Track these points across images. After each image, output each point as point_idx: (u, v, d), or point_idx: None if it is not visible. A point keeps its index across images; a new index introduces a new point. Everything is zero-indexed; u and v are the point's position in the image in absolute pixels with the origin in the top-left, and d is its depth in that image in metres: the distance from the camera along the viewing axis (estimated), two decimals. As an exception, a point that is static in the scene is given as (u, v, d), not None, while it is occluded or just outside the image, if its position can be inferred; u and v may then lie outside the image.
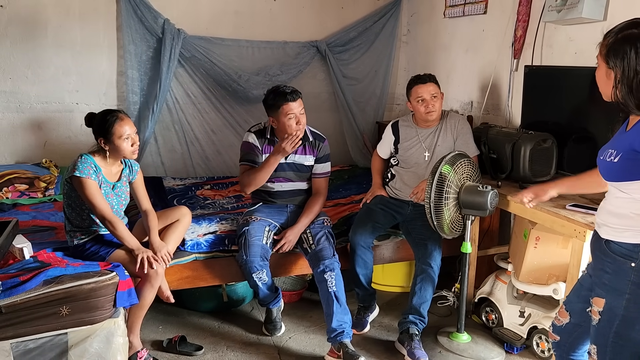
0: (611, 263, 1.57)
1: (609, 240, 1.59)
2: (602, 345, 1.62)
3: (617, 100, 1.52)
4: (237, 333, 2.81)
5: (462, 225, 2.56)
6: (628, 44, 1.45)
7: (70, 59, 3.59)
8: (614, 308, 1.56)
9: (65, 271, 2.16)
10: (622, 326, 1.55)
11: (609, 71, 1.52)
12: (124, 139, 2.35)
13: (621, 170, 1.52)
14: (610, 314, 1.57)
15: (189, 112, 3.89)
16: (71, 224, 2.43)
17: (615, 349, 1.58)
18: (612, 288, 1.57)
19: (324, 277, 2.51)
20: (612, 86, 1.51)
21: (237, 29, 3.92)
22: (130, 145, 2.38)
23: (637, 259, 1.51)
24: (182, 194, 3.50)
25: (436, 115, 2.78)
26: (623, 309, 1.54)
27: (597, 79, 1.59)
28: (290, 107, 2.61)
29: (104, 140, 2.36)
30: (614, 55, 1.48)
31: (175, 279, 2.60)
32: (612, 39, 1.50)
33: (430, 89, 2.73)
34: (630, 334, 1.55)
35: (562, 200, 2.36)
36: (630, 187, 1.53)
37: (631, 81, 1.46)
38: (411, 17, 4.30)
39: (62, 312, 2.07)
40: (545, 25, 2.90)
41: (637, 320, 1.53)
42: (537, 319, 2.56)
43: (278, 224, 2.76)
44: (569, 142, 2.64)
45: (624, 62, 1.46)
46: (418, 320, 2.64)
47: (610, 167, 1.55)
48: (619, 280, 1.54)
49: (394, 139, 2.90)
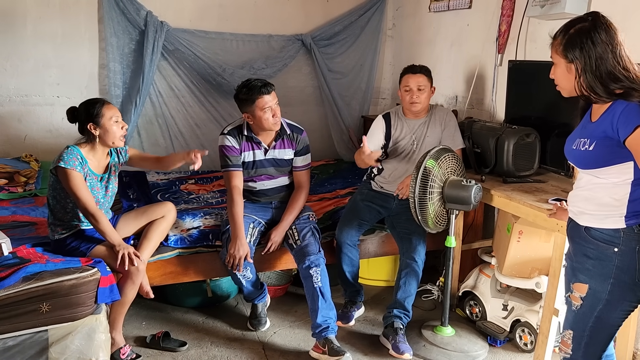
0: (594, 249, 1.60)
1: (590, 227, 1.62)
2: (579, 330, 1.65)
3: (582, 91, 1.57)
4: (222, 328, 2.80)
5: (447, 219, 2.56)
6: (583, 35, 1.52)
7: (51, 51, 3.53)
8: (597, 293, 1.59)
9: (45, 267, 2.13)
10: (605, 310, 1.58)
11: (569, 65, 1.57)
12: (114, 121, 2.34)
13: (597, 157, 1.56)
14: (593, 299, 1.60)
15: (173, 105, 3.86)
16: (54, 216, 2.39)
17: (594, 332, 1.62)
18: (596, 273, 1.59)
19: (309, 273, 2.51)
20: (575, 78, 1.56)
21: (222, 21, 3.88)
22: (120, 129, 2.36)
23: (620, 244, 1.54)
24: (166, 188, 3.47)
25: (420, 108, 2.77)
26: (608, 294, 1.57)
27: (557, 78, 1.65)
28: (264, 100, 2.56)
29: (93, 125, 2.32)
30: (572, 48, 1.54)
31: (158, 274, 2.57)
32: (565, 35, 1.57)
33: (419, 80, 2.72)
34: (611, 317, 1.59)
35: (544, 194, 2.38)
36: (607, 173, 1.56)
37: (596, 69, 1.52)
38: (396, 11, 4.29)
39: (42, 308, 2.04)
40: (529, 20, 2.91)
41: (619, 303, 1.57)
42: (520, 312, 2.58)
43: (263, 220, 2.74)
44: (551, 137, 2.66)
45: (582, 52, 1.52)
46: (402, 314, 2.65)
47: (585, 155, 1.59)
48: (603, 265, 1.57)
49: (386, 129, 2.85)
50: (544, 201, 2.26)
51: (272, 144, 2.71)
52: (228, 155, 2.66)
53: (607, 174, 1.56)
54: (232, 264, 2.49)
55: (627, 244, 1.54)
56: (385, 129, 2.87)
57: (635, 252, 1.53)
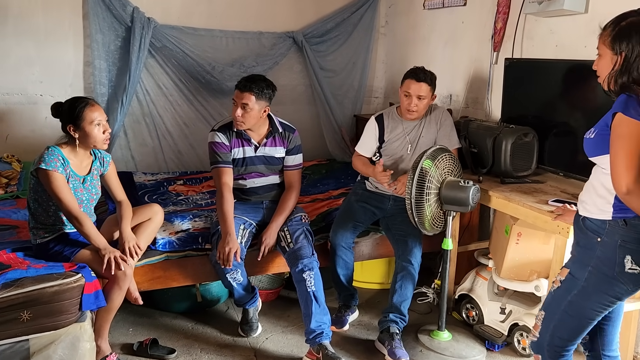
0: (583, 238, 1.67)
1: (585, 217, 1.67)
2: (551, 313, 1.72)
3: (609, 84, 1.58)
4: (212, 334, 2.71)
5: (444, 221, 2.50)
6: (633, 29, 1.53)
7: (33, 48, 3.41)
8: (575, 278, 1.66)
9: (26, 273, 2.03)
10: (578, 296, 1.64)
11: (614, 57, 1.57)
12: (95, 124, 2.23)
13: (596, 144, 1.61)
14: (570, 283, 1.67)
15: (161, 104, 3.76)
16: (35, 220, 2.29)
17: (562, 318, 1.69)
18: (578, 260, 1.68)
19: (302, 277, 2.43)
20: (611, 70, 1.56)
21: (211, 18, 3.79)
22: (102, 133, 2.25)
23: (603, 234, 1.60)
24: (154, 189, 3.37)
25: (416, 116, 2.71)
26: (584, 281, 1.63)
27: (600, 69, 1.64)
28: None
29: (73, 127, 2.23)
30: (620, 40, 1.54)
31: (145, 279, 2.48)
32: (616, 27, 1.56)
33: (421, 89, 2.62)
34: (582, 306, 1.64)
35: (543, 195, 2.33)
36: (604, 161, 1.59)
37: (632, 63, 1.53)
38: (389, 9, 4.23)
39: (22, 317, 1.94)
40: (526, 17, 2.85)
41: (592, 296, 1.62)
42: (518, 316, 2.53)
43: (254, 222, 2.66)
44: (549, 136, 2.62)
45: (629, 45, 1.53)
46: (399, 318, 2.58)
47: (587, 142, 1.65)
48: (586, 253, 1.64)
49: (379, 131, 2.79)
50: (544, 202, 2.21)
51: (262, 141, 2.66)
52: (218, 152, 2.60)
53: (604, 162, 1.59)
54: (222, 260, 2.40)
55: (611, 236, 1.58)
56: (378, 132, 2.80)
57: (616, 245, 1.56)
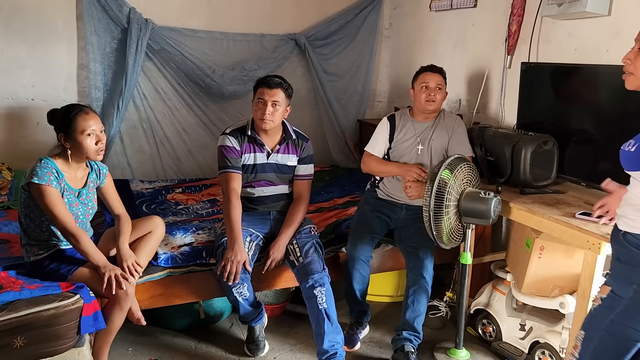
0: (625, 253, 1.57)
1: (626, 232, 1.57)
2: (591, 332, 1.61)
3: None
4: (216, 354, 2.56)
5: (462, 234, 2.38)
6: None
7: (25, 50, 3.26)
8: (618, 296, 1.55)
9: (19, 295, 1.90)
10: (622, 315, 1.54)
11: None
12: (87, 134, 2.08)
13: (636, 158, 1.53)
14: (612, 301, 1.57)
15: (158, 109, 3.63)
16: (28, 236, 2.14)
17: (603, 339, 1.57)
18: (621, 277, 1.57)
19: (313, 293, 2.30)
20: None
21: (211, 19, 3.67)
22: (95, 144, 2.10)
23: None
24: (152, 198, 3.23)
25: (435, 107, 2.63)
26: (629, 300, 1.53)
27: (637, 67, 1.57)
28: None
29: (64, 137, 2.08)
30: None
31: (146, 297, 2.34)
32: None
33: (437, 79, 2.64)
34: (625, 326, 1.53)
35: (567, 207, 2.22)
36: None
37: None
38: (394, 10, 4.12)
39: (16, 343, 1.81)
40: (542, 19, 2.75)
41: (637, 316, 1.52)
42: (540, 333, 2.41)
43: (261, 234, 2.53)
44: (569, 144, 2.51)
45: None
46: (413, 336, 2.46)
47: (627, 156, 1.57)
48: (631, 270, 1.54)
49: (390, 130, 2.71)
50: (571, 215, 2.09)
51: (276, 147, 2.55)
52: (227, 157, 2.48)
53: None
54: (229, 273, 2.26)
55: None
56: (390, 131, 2.71)
57: None
